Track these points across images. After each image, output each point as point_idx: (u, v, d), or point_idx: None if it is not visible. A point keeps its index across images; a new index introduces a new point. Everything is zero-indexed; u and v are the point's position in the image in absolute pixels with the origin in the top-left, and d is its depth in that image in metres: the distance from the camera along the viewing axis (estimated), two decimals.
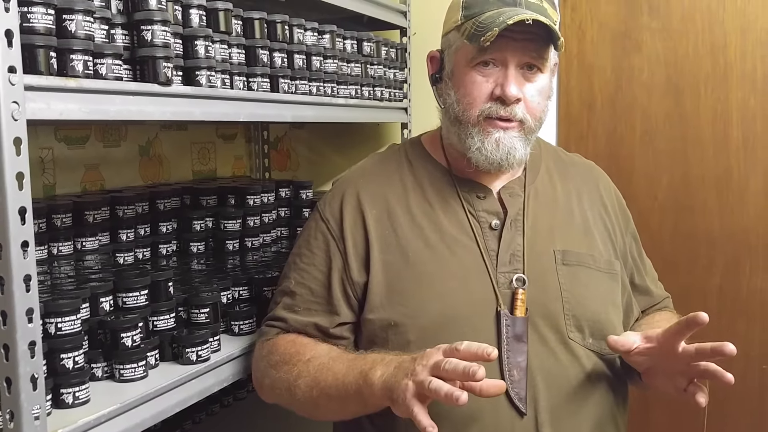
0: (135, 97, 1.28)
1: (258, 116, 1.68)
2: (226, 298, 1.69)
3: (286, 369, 1.37)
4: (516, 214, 1.45)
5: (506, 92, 1.36)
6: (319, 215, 1.51)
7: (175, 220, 1.98)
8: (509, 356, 1.33)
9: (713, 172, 2.43)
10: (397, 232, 1.43)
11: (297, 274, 1.49)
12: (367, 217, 1.45)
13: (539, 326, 1.37)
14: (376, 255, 1.42)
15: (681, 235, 2.47)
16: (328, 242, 1.47)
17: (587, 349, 1.39)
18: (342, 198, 1.50)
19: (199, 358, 1.48)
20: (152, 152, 2.25)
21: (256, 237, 2.07)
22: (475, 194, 1.46)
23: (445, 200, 1.46)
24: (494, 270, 1.39)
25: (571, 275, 1.42)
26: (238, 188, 2.11)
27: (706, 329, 2.50)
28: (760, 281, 2.39)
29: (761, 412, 2.43)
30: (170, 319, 1.50)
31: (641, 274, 1.60)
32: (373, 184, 1.50)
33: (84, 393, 1.25)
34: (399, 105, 2.45)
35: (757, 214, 2.39)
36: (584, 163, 1.64)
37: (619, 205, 1.60)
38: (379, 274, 1.41)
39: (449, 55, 1.45)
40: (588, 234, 1.49)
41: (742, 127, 2.39)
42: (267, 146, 2.74)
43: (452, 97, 1.43)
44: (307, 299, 1.46)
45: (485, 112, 1.38)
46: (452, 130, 1.45)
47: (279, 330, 1.47)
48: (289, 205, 2.27)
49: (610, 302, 1.46)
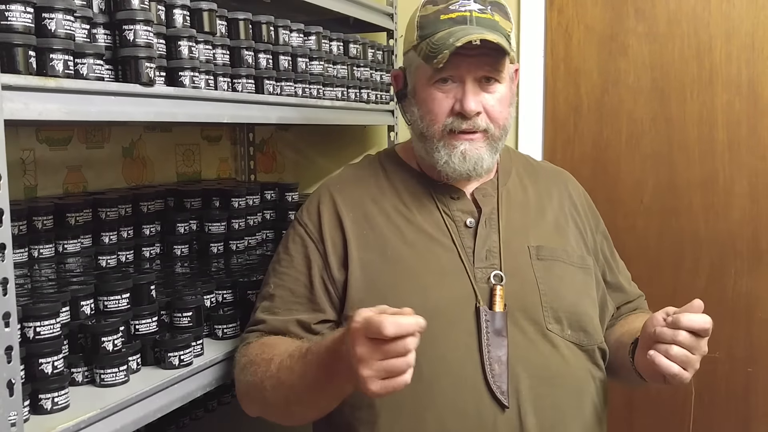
0: (117, 98, 1.26)
1: (242, 117, 1.66)
2: (209, 301, 1.68)
3: (253, 370, 1.38)
4: (490, 213, 1.49)
5: (465, 107, 1.40)
6: (297, 222, 1.55)
7: (159, 223, 1.95)
8: (490, 350, 1.36)
9: (699, 175, 2.43)
10: (374, 230, 1.46)
11: (276, 278, 1.50)
12: (344, 219, 1.48)
13: (518, 320, 1.40)
14: (354, 253, 1.44)
15: (667, 238, 2.47)
16: (306, 245, 1.49)
17: (566, 341, 1.42)
18: (318, 203, 1.53)
19: (182, 363, 1.46)
20: (136, 154, 2.23)
21: (241, 240, 2.05)
22: (449, 195, 1.50)
23: (420, 201, 1.50)
24: (471, 266, 1.43)
25: (546, 269, 1.46)
26: (222, 190, 2.09)
27: None
28: (745, 284, 2.40)
29: (746, 414, 2.43)
30: (152, 323, 1.49)
31: (613, 271, 1.63)
32: (349, 189, 1.54)
33: (63, 398, 1.23)
34: (385, 107, 2.44)
35: (742, 218, 2.39)
36: (553, 168, 1.70)
37: (588, 205, 1.65)
38: (357, 270, 1.43)
39: (411, 73, 1.49)
40: (560, 231, 1.53)
41: (728, 130, 2.39)
42: (252, 148, 2.72)
43: (416, 114, 1.47)
44: (288, 300, 1.47)
45: (448, 127, 1.43)
46: (419, 144, 1.50)
47: (259, 333, 1.47)
48: (274, 208, 2.25)
49: (586, 295, 1.50)
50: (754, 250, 2.39)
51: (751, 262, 2.39)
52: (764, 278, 2.38)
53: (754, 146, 2.37)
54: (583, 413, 1.42)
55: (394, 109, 2.51)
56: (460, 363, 1.35)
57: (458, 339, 1.36)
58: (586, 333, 1.45)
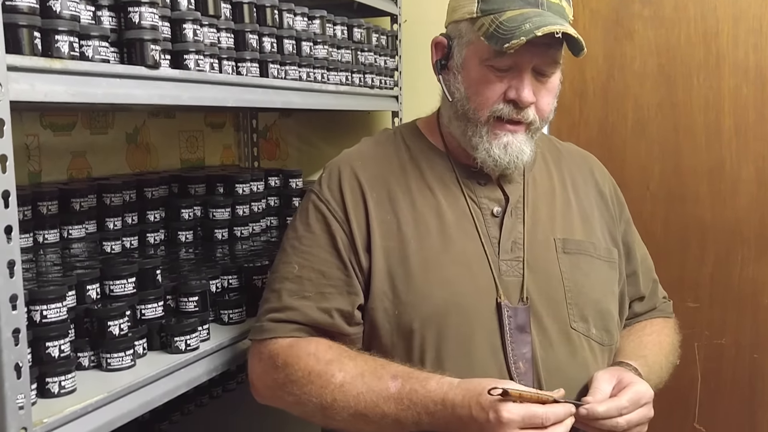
0: (122, 80, 1.25)
1: (247, 102, 1.65)
2: (215, 287, 1.67)
3: (317, 392, 1.28)
4: (517, 202, 1.43)
5: (521, 97, 1.32)
6: (317, 197, 1.43)
7: (163, 209, 1.95)
8: (513, 348, 1.31)
9: (705, 161, 2.42)
10: (398, 216, 1.38)
11: (300, 257, 1.38)
12: (368, 199, 1.39)
13: (541, 316, 1.35)
14: (378, 241, 1.37)
15: (673, 225, 2.46)
16: (329, 223, 1.39)
17: (591, 340, 1.37)
18: (339, 179, 1.43)
19: (188, 347, 1.45)
20: (140, 140, 2.22)
21: (246, 226, 2.04)
22: (476, 180, 1.43)
23: (445, 185, 1.42)
24: (496, 258, 1.37)
25: (572, 264, 1.40)
26: (227, 177, 2.08)
27: (699, 319, 2.51)
28: (751, 271, 2.39)
29: (752, 400, 2.43)
30: (158, 308, 1.48)
31: (630, 261, 1.56)
32: (372, 166, 1.44)
33: (70, 382, 1.22)
34: (390, 93, 2.43)
35: (749, 204, 2.38)
36: (579, 152, 1.62)
37: (615, 191, 1.58)
38: (380, 260, 1.35)
39: (459, 46, 1.38)
40: (586, 222, 1.47)
41: (735, 116, 2.38)
42: (256, 135, 2.71)
43: (461, 93, 1.37)
44: (319, 283, 1.36)
45: (496, 113, 1.34)
46: (456, 123, 1.40)
47: (294, 327, 1.35)
48: (278, 194, 2.24)
49: (610, 291, 1.45)
50: (761, 237, 2.38)
51: (758, 249, 2.38)
52: None
53: (761, 132, 2.35)
54: None
55: (398, 95, 2.50)
56: (483, 361, 1.30)
57: (481, 336, 1.31)
58: (609, 332, 1.41)
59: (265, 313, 1.39)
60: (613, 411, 1.23)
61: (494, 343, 1.31)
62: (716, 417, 2.45)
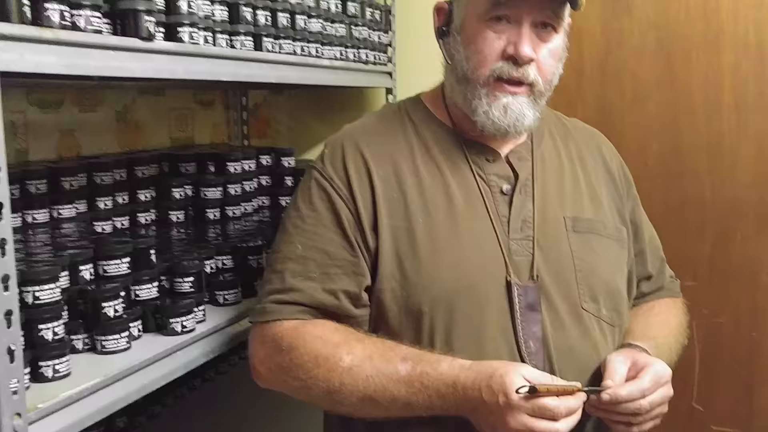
0: (116, 53, 1.20)
1: (241, 76, 1.60)
2: (209, 267, 1.63)
3: (324, 376, 1.24)
4: (526, 179, 1.39)
5: (520, 51, 1.27)
6: (319, 173, 1.37)
7: (154, 188, 1.90)
8: (524, 327, 1.28)
9: (704, 137, 2.39)
10: (405, 194, 1.33)
11: (303, 237, 1.33)
12: (374, 177, 1.34)
13: (551, 296, 1.31)
14: (384, 220, 1.32)
15: (672, 203, 2.43)
16: (334, 201, 1.34)
17: (601, 320, 1.34)
18: (343, 155, 1.37)
19: (184, 329, 1.42)
20: (129, 118, 2.16)
21: (238, 206, 2.00)
22: (485, 157, 1.39)
23: (453, 162, 1.38)
24: (506, 237, 1.33)
25: (582, 243, 1.37)
26: (218, 155, 2.03)
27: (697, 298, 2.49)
28: (751, 248, 2.37)
29: (750, 378, 2.42)
30: (153, 289, 1.44)
31: (638, 239, 1.53)
32: (377, 142, 1.39)
33: (64, 366, 1.18)
34: (383, 69, 2.38)
35: (748, 181, 2.36)
36: (586, 128, 1.58)
37: (622, 168, 1.55)
38: (388, 240, 1.31)
39: (459, 7, 1.36)
40: (595, 200, 1.43)
41: (734, 91, 2.35)
42: (246, 113, 2.66)
43: (461, 54, 1.34)
44: (324, 263, 1.31)
45: (496, 72, 1.30)
46: (458, 88, 1.37)
47: (299, 309, 1.30)
48: (270, 173, 2.19)
49: (619, 271, 1.42)
50: (760, 214, 2.35)
51: (758, 226, 2.36)
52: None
53: (761, 108, 2.32)
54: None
55: (392, 71, 2.45)
56: (494, 341, 1.27)
57: (491, 316, 1.28)
58: (618, 313, 1.38)
59: (268, 294, 1.34)
60: (636, 393, 1.20)
61: (504, 323, 1.28)
62: (714, 396, 2.44)
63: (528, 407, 1.12)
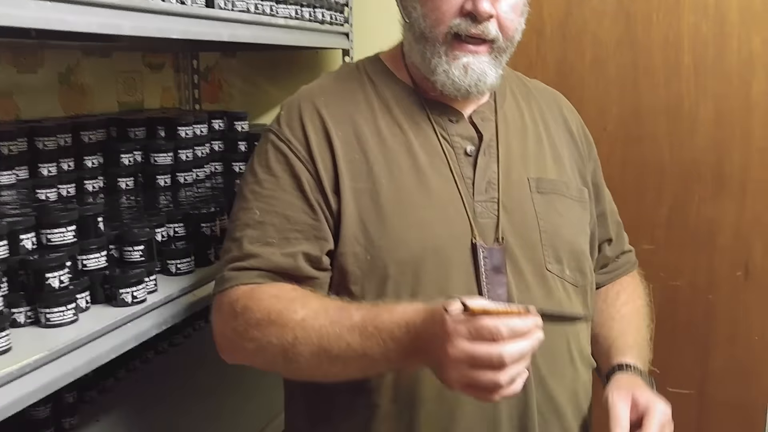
0: (54, 3, 1.11)
1: (192, 34, 1.52)
2: (160, 236, 1.56)
3: (277, 332, 1.17)
4: (490, 140, 1.35)
5: (478, 7, 1.23)
6: (275, 136, 1.31)
7: (101, 154, 1.81)
8: (489, 290, 1.24)
9: (664, 100, 2.38)
10: (367, 156, 1.28)
11: (261, 202, 1.27)
12: (334, 138, 1.29)
13: (517, 257, 1.29)
14: (346, 182, 1.27)
15: (630, 167, 2.42)
16: (292, 164, 1.28)
17: (564, 281, 1.33)
18: (301, 116, 1.32)
19: (135, 300, 1.35)
20: (73, 80, 2.06)
21: (189, 172, 1.92)
22: (447, 117, 1.34)
23: (415, 123, 1.33)
24: (470, 199, 1.29)
25: (546, 204, 1.34)
26: (168, 119, 1.95)
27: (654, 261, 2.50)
28: (708, 211, 2.38)
29: (706, 341, 2.44)
30: (101, 258, 1.37)
31: (600, 201, 1.52)
32: (335, 103, 1.34)
33: (4, 341, 1.11)
34: (340, 29, 2.31)
35: (706, 144, 2.36)
36: (546, 89, 1.55)
37: (583, 130, 1.53)
38: (350, 203, 1.26)
39: None
40: (558, 161, 1.41)
41: (694, 54, 2.33)
42: (197, 76, 2.57)
43: (418, 11, 1.29)
44: (283, 228, 1.25)
45: (454, 29, 1.25)
46: (416, 48, 1.32)
47: (256, 273, 1.24)
48: (223, 138, 2.12)
49: (582, 232, 1.40)
50: (717, 177, 2.36)
51: (715, 189, 2.37)
52: (727, 205, 2.37)
53: (719, 70, 2.32)
54: (574, 358, 1.34)
55: (349, 32, 2.38)
56: None
57: (457, 278, 1.24)
58: (582, 273, 1.37)
59: (226, 263, 1.28)
60: None
61: (470, 286, 1.25)
62: (670, 359, 2.44)
63: (465, 330, 1.01)
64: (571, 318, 1.32)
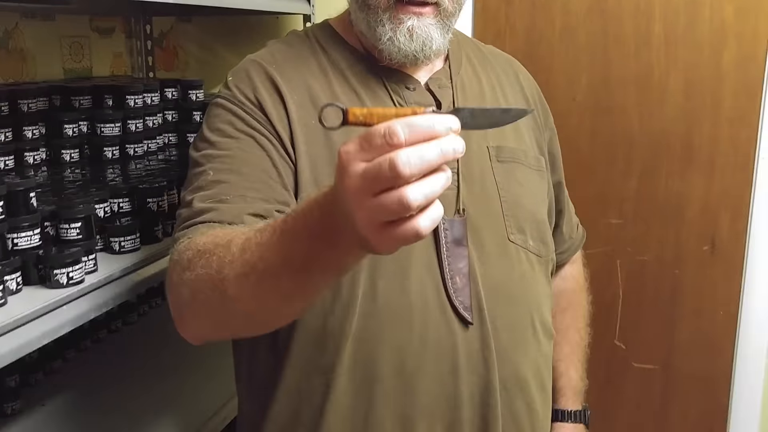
0: None
1: None
2: (103, 211, 1.47)
3: (203, 262, 0.99)
4: (447, 107, 1.28)
5: None
6: (226, 101, 1.23)
7: (43, 124, 1.70)
8: (450, 263, 1.20)
9: (634, 70, 2.32)
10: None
11: (214, 163, 1.17)
12: (288, 101, 1.21)
13: (478, 229, 1.24)
14: (302, 147, 1.19)
15: (599, 138, 2.37)
16: (249, 123, 1.20)
17: (528, 251, 1.29)
18: (251, 81, 1.23)
19: (71, 281, 1.26)
20: (12, 45, 1.94)
21: (140, 143, 1.82)
22: (404, 85, 1.28)
23: (372, 90, 1.26)
24: None
25: (506, 173, 1.29)
26: (116, 87, 1.84)
27: (622, 236, 2.46)
28: (676, 184, 2.34)
29: (672, 316, 2.41)
30: (34, 236, 1.28)
31: (555, 171, 1.48)
32: (287, 68, 1.26)
33: None
34: None
35: (675, 114, 2.31)
36: (502, 55, 1.49)
37: (539, 97, 1.48)
38: (306, 170, 1.18)
39: None
40: (515, 128, 1.35)
41: (665, 22, 2.27)
42: (150, 42, 2.45)
43: None
44: (240, 185, 1.14)
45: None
46: (360, 16, 1.25)
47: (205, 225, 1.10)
48: (176, 108, 2.01)
49: (542, 201, 1.37)
50: (686, 148, 2.32)
51: (683, 161, 2.33)
52: (695, 177, 2.33)
53: (690, 39, 2.27)
54: (537, 330, 1.30)
55: None
56: (419, 278, 1.18)
57: (418, 252, 1.18)
58: (545, 243, 1.33)
59: (177, 227, 1.17)
60: None
61: (430, 259, 1.20)
62: (637, 334, 2.43)
63: (356, 148, 0.76)
64: (512, 114, 0.89)
